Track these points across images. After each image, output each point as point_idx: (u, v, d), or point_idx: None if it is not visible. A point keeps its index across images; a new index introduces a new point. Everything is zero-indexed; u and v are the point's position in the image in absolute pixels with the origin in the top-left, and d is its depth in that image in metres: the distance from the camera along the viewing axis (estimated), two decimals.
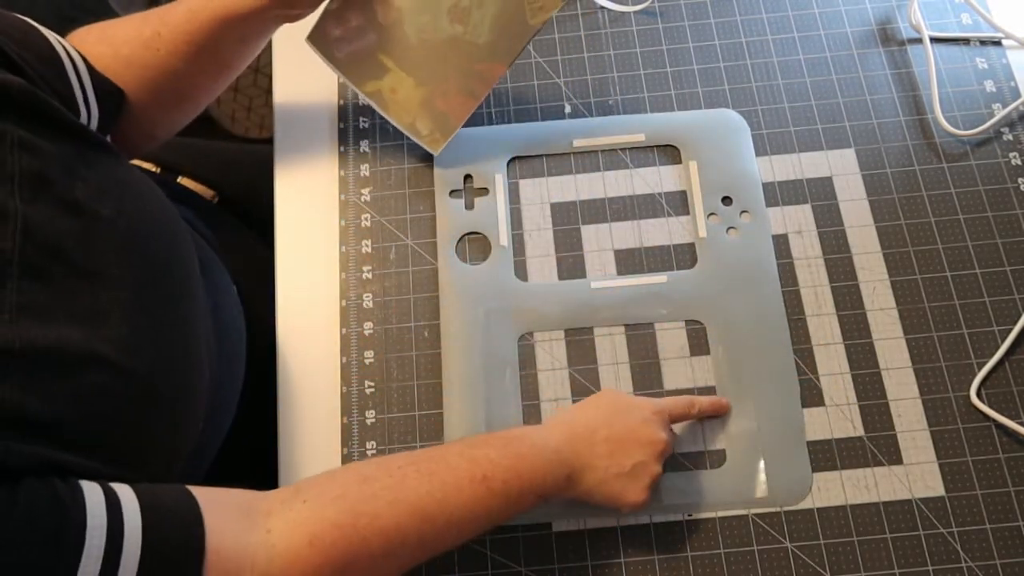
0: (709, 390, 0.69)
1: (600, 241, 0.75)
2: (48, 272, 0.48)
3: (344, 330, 0.73)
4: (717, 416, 0.68)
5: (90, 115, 0.62)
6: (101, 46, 0.66)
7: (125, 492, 0.46)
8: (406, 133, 0.76)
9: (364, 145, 0.79)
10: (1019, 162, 0.75)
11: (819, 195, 0.75)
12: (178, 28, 0.66)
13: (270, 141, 0.81)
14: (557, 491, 0.59)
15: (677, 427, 0.67)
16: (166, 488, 0.49)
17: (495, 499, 0.56)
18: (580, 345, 0.71)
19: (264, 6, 0.65)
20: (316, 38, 0.74)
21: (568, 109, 0.80)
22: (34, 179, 0.49)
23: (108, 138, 0.65)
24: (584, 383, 0.70)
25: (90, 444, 0.48)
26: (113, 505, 0.45)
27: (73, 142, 0.54)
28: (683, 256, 0.74)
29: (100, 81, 0.63)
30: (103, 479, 0.47)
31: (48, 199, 0.50)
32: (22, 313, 0.46)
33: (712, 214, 0.75)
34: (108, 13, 1.49)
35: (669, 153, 0.78)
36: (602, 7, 0.84)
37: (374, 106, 0.76)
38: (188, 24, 0.65)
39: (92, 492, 0.45)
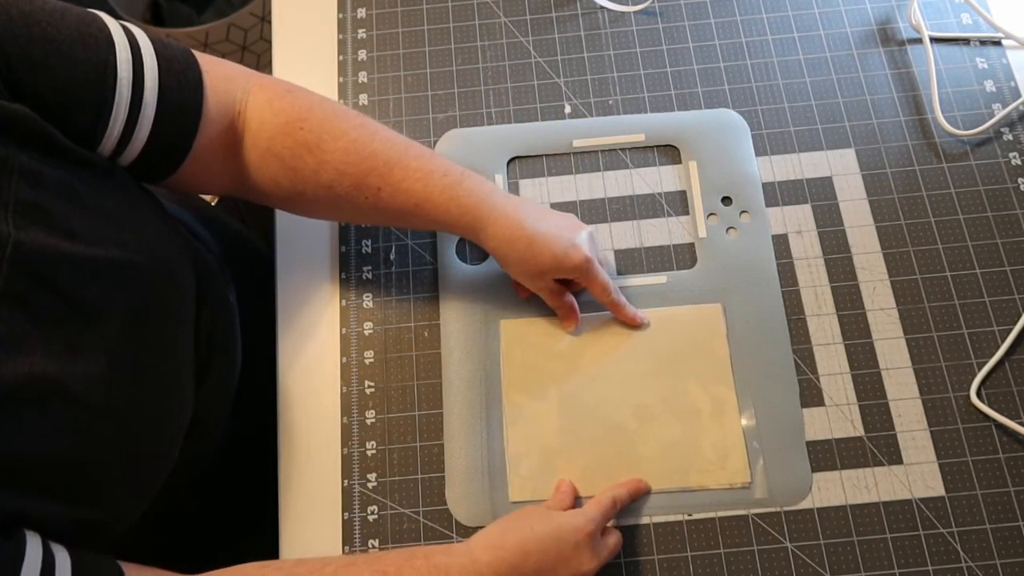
0: None
1: (600, 241, 0.74)
2: (33, 302, 0.47)
3: (344, 330, 0.73)
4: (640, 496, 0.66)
5: (121, 149, 0.57)
6: (267, 112, 0.64)
7: (62, 560, 0.47)
8: (507, 461, 0.68)
9: None
10: (1019, 162, 0.75)
11: (819, 195, 0.75)
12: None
13: None
14: None
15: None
16: (98, 558, 0.50)
17: None
18: None
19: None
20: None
21: (568, 109, 0.80)
22: (30, 206, 0.48)
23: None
24: None
25: (50, 483, 0.48)
26: (47, 570, 0.45)
27: (77, 170, 0.53)
28: (683, 256, 0.74)
29: (168, 137, 0.59)
30: (59, 523, 0.48)
31: (43, 227, 0.49)
32: None
33: (712, 214, 0.75)
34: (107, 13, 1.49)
35: (669, 153, 0.78)
36: (602, 7, 0.84)
37: (503, 416, 0.68)
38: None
39: (32, 554, 0.45)
